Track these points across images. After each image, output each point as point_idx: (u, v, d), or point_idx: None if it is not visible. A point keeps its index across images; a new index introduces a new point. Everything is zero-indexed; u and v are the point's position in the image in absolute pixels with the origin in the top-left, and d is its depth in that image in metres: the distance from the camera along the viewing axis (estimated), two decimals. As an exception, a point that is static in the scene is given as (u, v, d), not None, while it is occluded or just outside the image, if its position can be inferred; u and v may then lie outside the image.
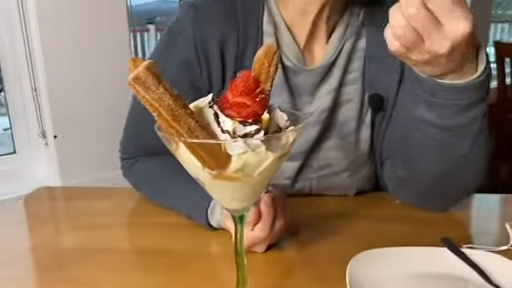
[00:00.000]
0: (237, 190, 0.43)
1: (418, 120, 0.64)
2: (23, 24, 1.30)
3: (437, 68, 0.56)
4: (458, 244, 0.63)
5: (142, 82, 0.36)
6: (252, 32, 0.75)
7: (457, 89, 0.58)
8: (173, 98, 0.38)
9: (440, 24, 0.50)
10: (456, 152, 0.64)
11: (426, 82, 0.59)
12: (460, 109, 0.60)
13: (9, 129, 4.59)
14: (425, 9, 0.49)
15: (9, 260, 0.69)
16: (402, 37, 0.51)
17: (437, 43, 0.51)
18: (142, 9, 5.55)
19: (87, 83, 1.37)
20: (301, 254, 0.66)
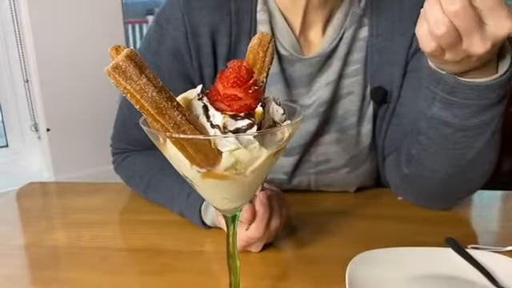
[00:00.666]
0: (228, 189, 0.40)
1: (432, 118, 0.60)
2: (14, 14, 1.26)
3: (462, 66, 0.53)
4: (462, 244, 0.60)
5: (123, 72, 0.33)
6: (245, 20, 0.71)
7: (480, 88, 0.54)
8: (157, 90, 0.34)
9: (483, 23, 0.47)
10: (467, 153, 0.61)
11: (445, 80, 0.56)
12: (480, 109, 0.56)
13: (0, 122, 4.56)
14: (470, 6, 0.45)
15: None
16: (441, 37, 0.47)
17: (476, 44, 0.48)
18: (140, 0, 5.49)
19: (80, 75, 1.34)
20: (298, 254, 0.64)
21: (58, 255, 0.66)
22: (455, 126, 0.58)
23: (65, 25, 1.30)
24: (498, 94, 0.55)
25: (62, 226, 0.76)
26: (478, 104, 0.55)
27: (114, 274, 0.61)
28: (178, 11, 0.70)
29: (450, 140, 0.60)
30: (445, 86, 0.56)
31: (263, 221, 0.58)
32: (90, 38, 1.34)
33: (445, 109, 0.57)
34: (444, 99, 0.57)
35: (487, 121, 0.57)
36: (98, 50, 1.35)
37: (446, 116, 0.58)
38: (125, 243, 0.70)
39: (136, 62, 0.33)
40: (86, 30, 1.33)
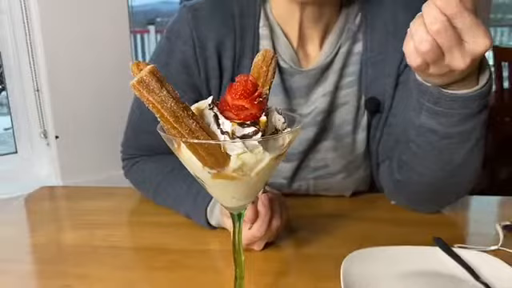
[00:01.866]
0: (235, 188, 0.45)
1: (420, 127, 0.65)
2: (26, 25, 1.31)
3: (445, 79, 0.58)
4: (450, 244, 0.65)
5: (146, 85, 0.38)
6: (248, 35, 0.77)
7: (462, 99, 0.60)
8: (175, 101, 0.39)
9: (462, 41, 0.52)
10: (454, 158, 0.66)
11: (431, 92, 0.61)
12: (462, 117, 0.62)
13: (10, 128, 4.59)
14: (451, 26, 0.51)
15: (13, 256, 0.71)
16: (426, 53, 0.53)
17: (457, 59, 0.53)
18: (142, 10, 5.56)
19: (89, 84, 1.39)
20: (297, 252, 0.68)
21: (73, 253, 0.70)
22: (441, 133, 0.63)
23: (75, 34, 1.35)
24: (478, 104, 0.60)
25: (74, 227, 0.80)
26: (461, 113, 0.61)
27: (125, 270, 0.65)
28: (187, 27, 0.76)
29: (436, 147, 0.65)
30: (430, 97, 0.61)
31: (265, 221, 0.63)
32: (98, 47, 1.39)
33: (431, 118, 0.62)
34: (430, 109, 0.62)
35: (470, 129, 0.62)
36: (105, 60, 1.41)
37: (433, 124, 0.63)
38: (134, 242, 0.75)
39: (157, 76, 0.39)
40: (95, 40, 1.38)
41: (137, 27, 5.16)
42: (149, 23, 6.89)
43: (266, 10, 0.78)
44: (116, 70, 1.41)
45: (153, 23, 6.86)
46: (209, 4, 0.77)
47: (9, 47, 1.38)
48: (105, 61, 1.41)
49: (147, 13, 7.09)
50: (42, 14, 1.29)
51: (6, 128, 5.06)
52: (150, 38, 6.91)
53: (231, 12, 0.77)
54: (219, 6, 0.77)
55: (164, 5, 9.24)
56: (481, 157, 0.68)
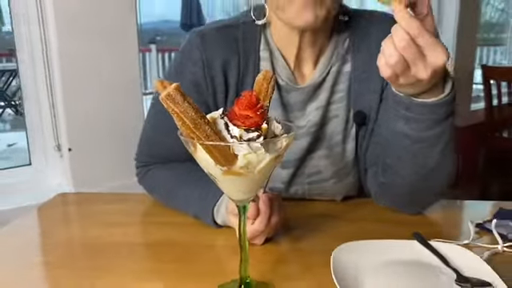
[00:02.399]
0: (241, 183, 0.55)
1: (397, 133, 0.76)
2: (44, 46, 1.42)
3: (415, 89, 0.69)
4: (428, 238, 0.75)
5: (172, 99, 0.49)
6: (251, 57, 0.87)
7: (430, 105, 0.71)
8: (194, 111, 0.50)
9: (424, 55, 0.63)
10: (427, 161, 0.76)
11: (403, 101, 0.72)
12: (432, 123, 0.72)
13: (13, 144, 4.65)
14: (414, 44, 0.62)
15: (41, 252, 0.80)
16: (394, 65, 0.64)
17: (420, 70, 0.64)
18: (144, 28, 5.71)
19: (100, 100, 1.49)
20: (293, 246, 0.78)
21: (92, 248, 0.79)
22: (414, 138, 0.74)
23: (88, 54, 1.46)
24: (445, 111, 0.71)
25: (93, 227, 0.88)
26: (430, 119, 0.71)
27: (138, 262, 0.75)
28: (196, 50, 0.86)
29: (410, 150, 0.75)
30: (404, 106, 0.72)
31: (265, 217, 0.72)
32: (108, 65, 1.50)
33: (405, 124, 0.73)
34: (404, 116, 0.73)
35: (439, 133, 0.73)
36: (115, 77, 1.52)
37: (406, 130, 0.74)
38: (146, 239, 0.84)
39: (181, 92, 0.49)
40: (106, 59, 1.49)
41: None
42: (150, 42, 7.06)
43: (266, 35, 0.89)
44: (125, 86, 1.52)
45: (154, 42, 7.05)
46: (215, 30, 0.88)
47: (27, 66, 1.49)
48: (115, 77, 1.52)
49: (148, 32, 7.27)
50: (59, 35, 1.40)
51: (9, 144, 5.15)
52: (151, 56, 7.07)
53: (235, 37, 0.87)
54: (224, 32, 0.87)
55: (164, 24, 9.45)
56: (452, 161, 0.78)
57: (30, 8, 1.44)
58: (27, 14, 1.45)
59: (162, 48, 7.72)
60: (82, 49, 1.44)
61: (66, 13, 1.41)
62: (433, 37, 0.62)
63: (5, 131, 5.43)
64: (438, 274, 0.66)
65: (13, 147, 4.70)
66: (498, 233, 0.78)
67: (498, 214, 0.84)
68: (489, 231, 0.80)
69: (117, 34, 1.52)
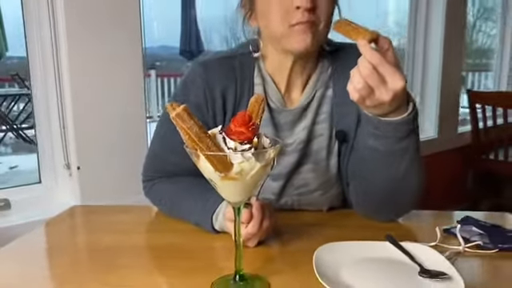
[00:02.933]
0: (236, 187, 0.66)
1: (369, 147, 0.88)
2: (56, 70, 1.55)
3: (381, 110, 0.82)
4: (400, 240, 0.85)
5: (181, 117, 0.61)
6: (246, 83, 1.00)
7: (394, 124, 0.83)
8: (198, 127, 0.62)
9: (385, 81, 0.76)
10: (397, 171, 0.88)
11: (372, 120, 0.85)
12: (397, 139, 0.85)
13: (15, 167, 4.74)
14: (376, 72, 0.75)
15: (62, 254, 0.90)
16: (360, 90, 0.77)
17: (383, 94, 0.77)
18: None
19: (107, 122, 1.61)
20: (282, 248, 0.89)
21: (105, 251, 0.89)
22: (383, 151, 0.86)
23: (97, 79, 1.58)
24: (407, 129, 0.83)
25: (105, 233, 0.99)
26: (395, 135, 0.84)
27: (146, 263, 0.86)
28: (199, 78, 0.99)
29: (382, 162, 0.88)
30: (373, 124, 0.84)
31: (257, 221, 0.83)
32: (116, 88, 1.62)
33: (375, 139, 0.85)
34: (373, 133, 0.85)
35: (404, 147, 0.85)
36: (122, 99, 1.64)
37: (377, 145, 0.86)
38: (152, 243, 0.95)
39: (188, 112, 0.61)
40: (114, 83, 1.61)
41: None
42: (150, 67, 7.24)
43: (260, 64, 1.02)
44: (131, 109, 1.65)
45: (153, 67, 7.23)
46: (216, 60, 1.01)
47: (40, 91, 1.61)
48: (121, 101, 1.64)
49: (147, 57, 7.47)
50: (70, 61, 1.53)
51: (11, 167, 5.23)
52: (151, 81, 7.24)
53: (233, 66, 1.00)
54: (223, 62, 1.00)
55: (163, 49, 9.68)
56: (419, 174, 0.90)
57: (44, 34, 1.57)
58: (41, 40, 1.58)
59: (162, 73, 7.91)
60: (92, 74, 1.57)
61: (78, 40, 1.54)
62: (392, 66, 0.75)
63: (6, 154, 5.54)
64: (404, 268, 0.77)
65: (14, 170, 4.82)
66: (461, 236, 0.89)
67: (463, 221, 0.95)
68: (454, 235, 0.91)
69: (124, 60, 1.65)
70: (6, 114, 5.91)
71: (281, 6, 0.89)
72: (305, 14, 0.87)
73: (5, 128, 5.78)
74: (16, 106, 6.36)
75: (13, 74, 6.70)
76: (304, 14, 0.87)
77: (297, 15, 0.88)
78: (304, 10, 0.87)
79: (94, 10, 1.56)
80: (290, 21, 0.89)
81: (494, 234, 0.89)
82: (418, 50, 2.98)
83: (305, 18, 0.87)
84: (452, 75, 3.04)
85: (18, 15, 1.64)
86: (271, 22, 0.92)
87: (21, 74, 6.66)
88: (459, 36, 3.05)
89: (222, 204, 0.91)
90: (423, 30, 2.95)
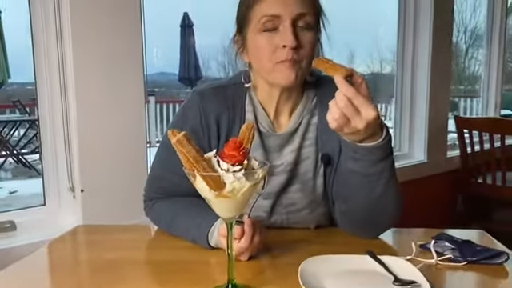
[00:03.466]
0: (228, 204, 0.76)
1: (349, 170, 0.98)
2: (63, 98, 1.66)
3: (357, 136, 0.92)
4: (379, 255, 0.94)
5: (181, 142, 0.70)
6: (238, 110, 1.10)
7: (369, 148, 0.93)
8: (195, 151, 0.71)
9: (359, 111, 0.86)
10: (375, 191, 0.98)
11: (351, 145, 0.94)
12: (373, 162, 0.94)
13: (15, 192, 4.79)
14: (350, 103, 0.86)
15: (69, 269, 0.98)
16: (337, 119, 0.88)
17: (358, 123, 0.87)
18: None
19: (110, 147, 1.70)
20: (272, 261, 0.97)
21: (109, 265, 0.98)
22: (361, 173, 0.96)
23: (100, 105, 1.67)
24: (382, 152, 0.93)
25: (107, 250, 1.06)
26: (371, 159, 0.93)
27: (146, 275, 0.95)
28: (196, 105, 1.09)
29: (361, 183, 0.97)
30: (351, 149, 0.94)
31: (249, 236, 0.92)
32: (118, 114, 1.71)
33: (354, 163, 0.95)
34: (352, 156, 0.95)
35: (380, 170, 0.95)
36: (124, 125, 1.74)
37: (355, 167, 0.95)
38: (153, 258, 1.03)
39: (187, 138, 0.71)
40: (115, 108, 1.70)
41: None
42: (149, 94, 7.39)
43: (251, 93, 1.12)
44: (133, 134, 1.75)
45: (153, 94, 7.38)
46: (211, 90, 1.12)
47: (46, 118, 1.71)
48: (124, 126, 1.74)
49: (147, 84, 7.63)
50: (76, 89, 1.64)
51: (10, 192, 5.29)
52: (150, 108, 7.37)
53: (226, 95, 1.11)
54: (218, 92, 1.11)
55: (161, 76, 9.87)
56: (395, 194, 0.99)
57: (51, 63, 1.68)
58: (49, 69, 1.69)
59: (160, 99, 8.06)
60: (96, 101, 1.68)
61: (84, 68, 1.65)
62: (365, 98, 0.85)
63: (6, 179, 5.61)
64: (381, 278, 0.86)
65: (14, 195, 4.88)
66: (435, 250, 0.97)
67: (437, 237, 1.04)
68: (429, 250, 0.99)
69: (126, 88, 1.75)
70: (8, 139, 6.00)
71: (269, 45, 1.00)
72: (290, 52, 0.98)
73: (5, 153, 5.87)
74: (17, 132, 6.47)
75: (14, 101, 6.84)
76: (289, 52, 0.98)
77: (283, 53, 0.99)
78: (289, 49, 0.98)
79: (99, 40, 1.68)
80: (277, 58, 1.00)
81: (464, 248, 0.97)
82: (406, 77, 3.11)
83: (290, 55, 0.98)
84: (439, 101, 3.16)
85: (20, 43, 1.75)
86: (260, 58, 1.03)
87: (22, 101, 6.80)
88: (446, 64, 3.19)
89: (217, 222, 1.00)
90: (411, 58, 3.08)
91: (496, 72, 3.99)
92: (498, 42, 3.94)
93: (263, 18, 1.00)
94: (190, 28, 6.43)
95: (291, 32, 0.98)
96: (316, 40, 1.03)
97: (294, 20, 0.99)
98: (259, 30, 1.02)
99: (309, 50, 1.01)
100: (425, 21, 3.00)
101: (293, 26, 0.99)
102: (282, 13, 0.99)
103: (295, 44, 0.98)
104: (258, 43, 1.02)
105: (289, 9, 0.99)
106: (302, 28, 1.00)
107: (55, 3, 1.63)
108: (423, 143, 3.09)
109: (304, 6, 1.00)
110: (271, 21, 1.00)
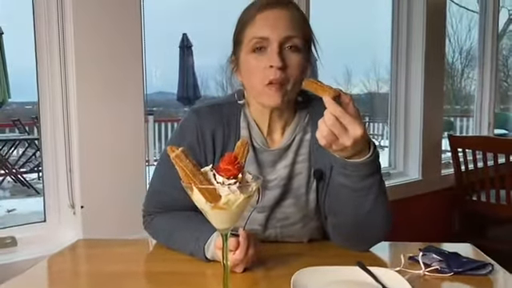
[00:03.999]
0: (223, 215, 0.80)
1: (340, 184, 1.02)
2: (65, 119, 1.71)
3: (345, 153, 0.97)
4: (369, 266, 0.98)
5: (179, 157, 0.75)
6: (232, 126, 1.16)
7: (357, 164, 0.98)
8: (193, 165, 0.76)
9: (347, 129, 0.91)
10: (364, 205, 1.02)
11: (340, 161, 0.99)
12: (361, 177, 0.99)
13: (13, 210, 4.81)
14: (338, 122, 0.91)
15: (70, 282, 1.02)
16: (326, 137, 0.92)
17: (345, 140, 0.92)
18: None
19: (111, 165, 1.75)
20: (266, 273, 1.00)
21: (108, 279, 1.01)
22: (351, 188, 1.00)
23: (102, 125, 1.73)
24: (370, 168, 0.98)
25: (106, 263, 1.10)
26: (359, 174, 0.98)
27: (145, 285, 0.99)
28: (193, 123, 1.15)
29: (351, 197, 1.01)
30: (340, 165, 0.99)
31: (243, 248, 0.96)
32: (118, 133, 1.76)
33: (344, 178, 1.00)
34: (342, 172, 0.99)
35: (369, 185, 1.00)
36: (124, 143, 1.79)
37: (345, 182, 1.00)
38: (152, 270, 1.07)
39: (185, 153, 0.76)
40: (116, 127, 1.75)
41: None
42: (148, 113, 7.44)
43: (245, 111, 1.18)
44: (132, 153, 1.79)
45: (151, 113, 7.44)
46: (207, 108, 1.17)
47: (48, 136, 1.76)
48: (124, 145, 1.79)
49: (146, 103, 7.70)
50: (78, 109, 1.69)
51: (8, 210, 5.30)
52: (148, 127, 7.43)
53: (222, 113, 1.16)
54: (214, 109, 1.17)
55: (160, 95, 9.96)
56: (384, 208, 1.03)
57: (55, 84, 1.73)
58: (52, 89, 1.74)
59: (159, 118, 8.13)
60: (97, 121, 1.73)
61: (86, 89, 1.70)
62: (352, 117, 0.90)
63: (4, 198, 5.62)
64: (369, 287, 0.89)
65: (12, 213, 4.90)
66: (422, 262, 1.01)
67: (425, 249, 1.08)
68: (417, 262, 1.03)
69: (126, 108, 1.80)
70: (7, 158, 6.03)
71: (257, 65, 1.07)
72: (277, 72, 1.04)
73: (3, 172, 5.90)
74: (16, 151, 6.50)
75: (14, 120, 6.90)
76: (276, 72, 1.04)
77: (271, 72, 1.05)
78: (276, 69, 1.04)
79: (101, 61, 1.74)
80: (265, 79, 1.06)
81: (451, 259, 1.01)
82: (400, 97, 3.18)
83: (277, 75, 1.04)
84: (433, 121, 3.22)
85: (20, 63, 1.81)
86: (250, 78, 1.09)
87: (21, 120, 6.86)
88: (439, 84, 3.27)
89: (214, 235, 1.04)
90: (404, 78, 3.16)
91: (489, 92, 4.07)
92: (490, 64, 4.04)
93: (253, 39, 1.07)
94: (188, 49, 6.54)
95: (277, 53, 1.04)
96: (304, 62, 1.09)
97: (282, 42, 1.06)
98: (249, 50, 1.08)
99: (296, 71, 1.07)
100: (417, 41, 3.09)
101: (280, 48, 1.05)
102: (271, 35, 1.05)
103: (281, 64, 1.04)
104: (248, 63, 1.09)
105: (277, 31, 1.05)
106: (289, 50, 1.07)
107: (59, 24, 1.69)
108: (418, 161, 3.14)
109: (292, 30, 1.07)
110: (260, 42, 1.07)
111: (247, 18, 1.10)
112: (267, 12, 1.08)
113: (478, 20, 4.10)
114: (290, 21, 1.08)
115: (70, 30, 1.68)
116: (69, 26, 1.68)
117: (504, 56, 6.84)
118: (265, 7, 1.08)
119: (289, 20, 1.08)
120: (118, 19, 1.77)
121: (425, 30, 3.04)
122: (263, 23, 1.07)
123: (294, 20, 1.09)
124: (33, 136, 6.44)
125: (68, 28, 1.68)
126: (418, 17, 3.07)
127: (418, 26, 3.07)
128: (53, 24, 1.70)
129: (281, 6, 1.09)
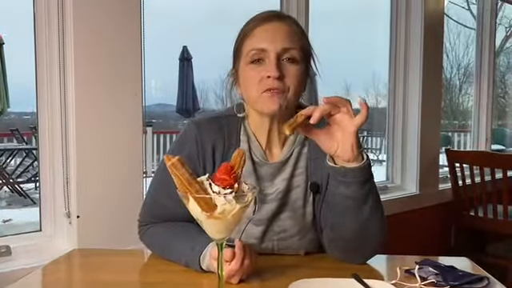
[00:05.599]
0: (219, 225, 0.80)
1: (339, 194, 1.03)
2: (63, 127, 1.71)
3: (346, 156, 0.98)
4: (366, 279, 0.97)
5: (175, 166, 0.75)
6: (232, 140, 1.16)
7: (356, 169, 0.99)
8: (189, 174, 0.76)
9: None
10: (362, 214, 1.02)
11: (340, 170, 1.00)
12: (361, 183, 1.00)
13: (9, 220, 4.78)
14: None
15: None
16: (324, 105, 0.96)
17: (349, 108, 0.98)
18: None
19: (108, 175, 1.74)
20: (261, 284, 1.00)
21: (105, 287, 1.02)
22: (351, 196, 1.01)
23: (101, 135, 1.73)
24: (366, 173, 1.00)
25: (102, 272, 1.10)
26: (359, 181, 0.99)
27: None
28: (193, 134, 1.15)
29: (350, 207, 1.02)
30: (340, 173, 1.00)
31: (239, 258, 0.96)
32: (115, 144, 1.76)
33: (345, 187, 1.00)
34: (342, 181, 1.00)
35: (366, 193, 1.01)
36: (121, 154, 1.79)
37: (346, 192, 1.01)
38: (147, 280, 1.07)
39: (181, 162, 0.76)
40: (113, 138, 1.75)
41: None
42: (146, 125, 7.46)
43: (245, 124, 1.19)
44: (130, 164, 1.79)
45: (150, 125, 7.46)
46: (207, 120, 1.18)
47: (46, 146, 1.76)
48: (121, 156, 1.79)
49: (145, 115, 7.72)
50: (77, 118, 1.69)
51: (4, 220, 5.27)
52: (147, 138, 7.44)
53: (221, 125, 1.17)
54: (213, 121, 1.17)
55: (158, 107, 10.00)
56: (381, 217, 1.04)
57: (53, 94, 1.74)
58: (51, 100, 1.75)
59: (158, 130, 8.14)
60: (95, 132, 1.73)
61: (84, 99, 1.71)
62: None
63: (1, 208, 5.60)
64: (365, 300, 0.89)
65: (8, 223, 4.87)
66: (419, 275, 1.01)
67: (421, 262, 1.07)
68: (414, 275, 1.03)
69: (125, 120, 1.81)
70: (4, 167, 6.01)
71: (255, 76, 1.08)
72: (274, 81, 1.06)
73: (1, 182, 5.88)
74: (13, 161, 6.49)
75: (13, 129, 6.90)
76: (273, 81, 1.06)
77: (268, 82, 1.07)
78: (273, 79, 1.06)
79: (100, 72, 1.74)
80: (262, 88, 1.07)
81: (447, 273, 1.01)
82: (397, 111, 3.20)
83: (274, 85, 1.06)
84: (431, 135, 3.23)
85: (19, 73, 1.82)
86: (248, 88, 1.11)
87: (20, 130, 6.87)
88: (436, 99, 3.29)
89: (209, 246, 1.04)
90: (402, 93, 3.18)
91: (486, 108, 4.09)
92: (487, 80, 4.07)
93: (252, 51, 1.09)
94: (188, 61, 6.58)
95: (275, 64, 1.06)
96: (302, 73, 1.11)
97: (280, 54, 1.08)
98: (248, 61, 1.10)
99: (294, 81, 1.08)
100: (415, 57, 3.11)
101: (277, 59, 1.07)
102: (269, 47, 1.07)
103: (278, 74, 1.05)
104: (246, 74, 1.10)
105: (274, 43, 1.07)
106: (287, 61, 1.09)
107: (59, 36, 1.70)
108: (415, 176, 3.14)
109: (290, 42, 1.09)
110: (258, 54, 1.08)
111: (247, 31, 1.12)
112: (266, 25, 1.10)
113: (475, 37, 4.15)
114: (288, 33, 1.09)
115: (69, 41, 1.69)
116: (69, 38, 1.69)
117: (501, 72, 6.91)
118: (264, 20, 1.11)
119: (287, 32, 1.09)
120: (118, 31, 1.78)
121: (422, 46, 3.07)
122: (262, 35, 1.09)
123: (293, 33, 1.10)
124: (31, 146, 6.44)
125: (68, 40, 1.69)
126: (415, 33, 3.10)
127: (416, 41, 3.10)
128: (53, 36, 1.71)
129: (280, 20, 1.11)
